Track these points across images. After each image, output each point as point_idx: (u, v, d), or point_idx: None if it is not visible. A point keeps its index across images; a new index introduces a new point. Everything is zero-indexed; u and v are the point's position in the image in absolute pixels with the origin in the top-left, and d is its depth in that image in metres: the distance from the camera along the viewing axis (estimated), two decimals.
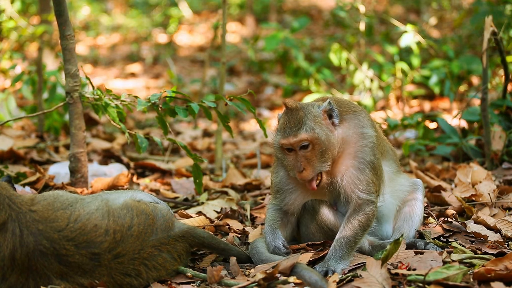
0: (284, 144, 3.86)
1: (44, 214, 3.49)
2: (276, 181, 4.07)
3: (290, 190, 4.04)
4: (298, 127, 3.81)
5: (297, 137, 3.81)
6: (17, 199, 3.52)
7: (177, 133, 9.04)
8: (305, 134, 3.80)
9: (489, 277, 3.40)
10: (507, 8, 8.36)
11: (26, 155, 6.57)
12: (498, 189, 5.04)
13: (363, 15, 9.61)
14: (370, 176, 3.89)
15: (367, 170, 3.88)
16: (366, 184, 3.87)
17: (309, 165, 3.82)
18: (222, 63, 6.67)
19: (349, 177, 3.89)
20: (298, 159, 3.83)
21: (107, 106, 4.97)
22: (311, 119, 3.83)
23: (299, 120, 3.83)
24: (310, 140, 3.81)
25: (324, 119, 3.88)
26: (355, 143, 3.91)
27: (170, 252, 3.73)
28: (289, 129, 3.83)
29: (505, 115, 6.35)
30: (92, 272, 3.49)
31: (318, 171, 3.84)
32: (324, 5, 19.63)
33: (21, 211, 3.47)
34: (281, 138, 3.87)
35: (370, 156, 3.90)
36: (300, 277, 3.53)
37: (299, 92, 11.33)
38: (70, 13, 5.41)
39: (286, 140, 3.84)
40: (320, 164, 3.83)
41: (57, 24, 4.96)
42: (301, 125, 3.82)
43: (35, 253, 3.41)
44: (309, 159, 3.82)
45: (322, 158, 3.83)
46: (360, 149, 3.90)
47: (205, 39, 17.69)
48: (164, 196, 5.52)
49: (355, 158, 3.90)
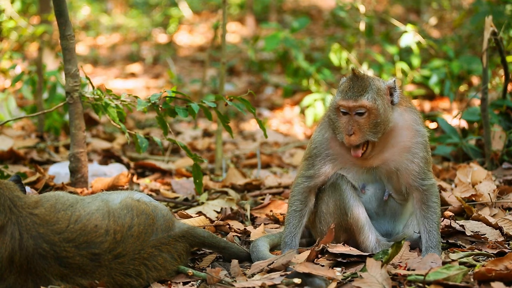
0: (342, 105, 3.92)
1: (46, 217, 3.48)
2: (319, 140, 4.09)
3: (328, 155, 4.08)
4: (361, 93, 3.90)
5: (357, 102, 3.88)
6: (20, 202, 3.50)
7: (177, 133, 9.03)
8: (366, 101, 3.88)
9: (489, 277, 3.39)
10: (507, 8, 8.36)
11: (26, 155, 6.57)
12: (498, 189, 5.04)
13: (363, 15, 9.60)
14: (425, 167, 4.03)
15: (422, 162, 4.01)
16: (424, 173, 4.01)
17: (360, 131, 3.90)
18: (222, 63, 6.67)
19: (406, 168, 4.01)
20: (350, 123, 3.90)
21: (107, 106, 4.97)
22: (374, 90, 3.92)
23: (363, 87, 3.91)
24: (368, 109, 3.89)
25: (386, 94, 3.97)
26: (410, 139, 4.02)
27: (170, 252, 3.73)
28: (351, 93, 3.91)
29: (505, 115, 6.35)
30: (93, 272, 3.49)
31: (366, 139, 3.92)
32: (324, 5, 19.63)
33: (21, 214, 3.45)
34: (340, 99, 3.93)
35: (423, 152, 4.02)
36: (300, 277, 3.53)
37: (299, 92, 11.33)
38: (70, 13, 5.41)
39: (345, 102, 3.91)
40: (370, 134, 3.92)
41: (57, 24, 4.96)
42: (364, 92, 3.90)
43: (34, 256, 3.41)
44: (361, 126, 3.90)
45: (374, 129, 3.91)
46: (415, 145, 4.02)
47: (205, 39, 17.69)
48: (164, 196, 5.52)
49: (409, 153, 4.01)
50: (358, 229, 4.04)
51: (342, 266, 3.92)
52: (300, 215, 4.13)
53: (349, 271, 3.76)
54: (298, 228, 4.13)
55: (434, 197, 4.03)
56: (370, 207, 4.12)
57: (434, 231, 3.97)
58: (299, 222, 4.13)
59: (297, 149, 8.20)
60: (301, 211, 4.14)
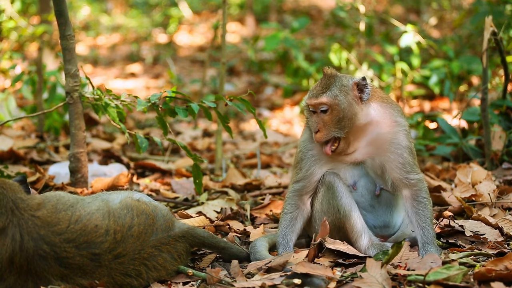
0: (308, 104, 4.10)
1: (47, 218, 3.47)
2: (302, 142, 4.24)
3: (313, 155, 4.18)
4: (323, 91, 4.04)
5: (317, 100, 4.03)
6: (22, 204, 3.49)
7: (177, 133, 9.03)
8: (325, 98, 4.02)
9: (489, 277, 3.39)
10: (507, 8, 8.36)
11: (26, 155, 6.57)
12: (498, 189, 5.04)
13: (363, 15, 9.60)
14: (411, 158, 4.07)
15: (406, 153, 4.05)
16: (410, 166, 4.05)
17: (325, 128, 4.03)
18: (222, 63, 6.66)
19: (391, 161, 4.06)
20: (316, 121, 4.04)
21: (107, 106, 4.97)
22: (338, 87, 4.04)
23: (327, 86, 4.05)
24: (329, 105, 4.01)
25: (353, 90, 4.05)
26: (389, 130, 4.08)
27: (170, 252, 3.73)
28: (315, 91, 4.07)
29: (505, 115, 6.35)
30: (93, 272, 3.49)
31: (332, 135, 4.03)
32: (324, 5, 19.63)
33: (23, 217, 3.45)
34: (307, 98, 4.11)
35: (405, 142, 4.07)
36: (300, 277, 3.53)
37: (299, 92, 11.33)
38: (70, 13, 5.40)
39: (309, 101, 4.09)
40: (335, 130, 4.02)
41: (57, 24, 4.96)
42: (326, 90, 4.04)
43: (34, 257, 3.41)
44: (325, 123, 4.03)
45: (338, 125, 4.02)
46: (395, 135, 4.07)
47: (205, 39, 17.69)
48: (164, 196, 5.52)
49: (393, 145, 4.06)
50: (351, 228, 4.07)
51: (342, 266, 3.92)
52: (291, 217, 4.19)
53: (349, 271, 3.76)
54: (289, 228, 4.17)
55: (423, 192, 4.07)
56: (364, 201, 4.17)
57: (427, 227, 3.99)
58: (290, 223, 4.18)
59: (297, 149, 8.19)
60: (292, 213, 4.20)
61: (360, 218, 4.08)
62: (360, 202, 4.15)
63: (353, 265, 3.92)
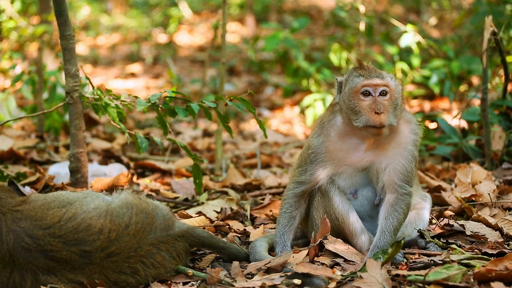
0: (368, 85, 3.89)
1: (30, 213, 3.51)
2: (316, 145, 4.05)
3: (324, 159, 4.05)
4: (384, 74, 3.94)
5: (383, 80, 3.90)
6: (4, 201, 3.54)
7: (177, 133, 9.03)
8: (390, 80, 3.93)
9: (489, 277, 3.39)
10: (507, 8, 8.36)
11: (26, 155, 6.57)
12: (498, 189, 5.04)
13: (363, 15, 9.60)
14: (414, 170, 4.02)
15: (413, 163, 4.00)
16: (409, 176, 3.98)
17: (386, 111, 3.88)
18: (222, 63, 6.67)
19: (397, 165, 3.97)
20: (377, 102, 3.87)
21: (107, 106, 4.97)
22: (391, 76, 3.98)
23: (381, 71, 3.97)
24: (391, 89, 3.91)
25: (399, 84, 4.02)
26: (406, 136, 4.02)
27: (169, 250, 3.73)
28: (375, 73, 3.93)
29: (505, 115, 6.35)
30: (82, 269, 3.50)
31: (390, 122, 3.89)
32: (324, 5, 19.63)
33: (1, 211, 3.50)
34: (364, 79, 3.91)
35: (416, 152, 4.03)
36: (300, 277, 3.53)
37: (299, 92, 11.33)
38: (70, 13, 5.41)
39: (370, 81, 3.89)
40: (391, 116, 3.90)
41: (57, 24, 4.96)
42: (386, 74, 3.96)
43: (17, 249, 3.44)
44: (385, 107, 3.88)
45: (395, 112, 3.92)
46: (411, 143, 4.02)
47: (205, 39, 17.69)
48: (164, 196, 5.52)
49: (405, 150, 3.99)
50: (350, 232, 4.05)
51: (342, 266, 3.92)
52: (290, 217, 4.16)
53: (349, 271, 3.76)
54: (287, 228, 4.15)
55: (404, 204, 3.98)
56: (363, 210, 4.12)
57: (387, 234, 3.92)
58: (288, 222, 4.16)
59: (297, 149, 8.20)
60: (291, 213, 4.18)
61: (358, 220, 4.05)
62: (359, 212, 4.09)
63: (353, 264, 3.92)
